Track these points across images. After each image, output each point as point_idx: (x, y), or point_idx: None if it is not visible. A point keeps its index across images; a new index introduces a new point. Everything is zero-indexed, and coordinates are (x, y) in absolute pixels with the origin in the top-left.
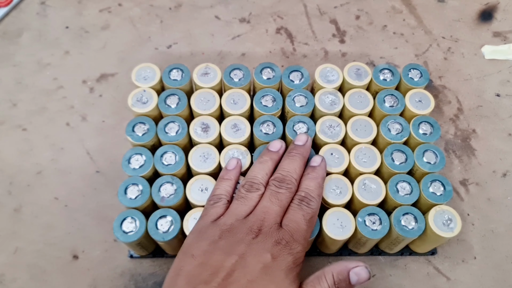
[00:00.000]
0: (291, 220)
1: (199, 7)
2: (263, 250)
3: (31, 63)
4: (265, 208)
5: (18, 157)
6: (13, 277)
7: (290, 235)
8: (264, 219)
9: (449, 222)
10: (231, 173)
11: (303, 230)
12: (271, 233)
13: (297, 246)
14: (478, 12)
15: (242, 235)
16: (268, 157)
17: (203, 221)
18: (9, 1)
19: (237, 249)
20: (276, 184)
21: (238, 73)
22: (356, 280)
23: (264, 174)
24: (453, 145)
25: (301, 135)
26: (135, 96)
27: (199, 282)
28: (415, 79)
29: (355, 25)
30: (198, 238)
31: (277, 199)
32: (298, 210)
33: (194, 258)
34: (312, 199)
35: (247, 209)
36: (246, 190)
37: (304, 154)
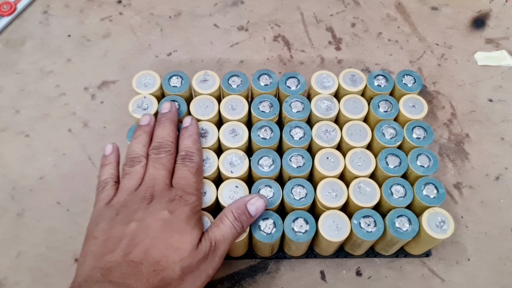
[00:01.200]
0: (180, 177)
1: (198, 15)
2: (159, 209)
3: (34, 70)
4: (152, 176)
5: (21, 163)
6: (16, 280)
7: (182, 190)
8: (154, 185)
9: (442, 224)
10: (109, 157)
11: (193, 182)
12: (164, 194)
13: (191, 197)
14: (471, 20)
15: (137, 205)
16: (141, 131)
17: (97, 207)
18: (13, 10)
19: (134, 216)
20: (155, 152)
21: (236, 79)
22: (254, 210)
23: (142, 146)
24: (447, 149)
25: (164, 104)
26: (136, 102)
27: (104, 253)
28: (409, 85)
29: (350, 32)
30: (97, 221)
31: (160, 163)
32: (183, 167)
33: (96, 238)
34: (193, 154)
35: (135, 182)
36: (129, 166)
37: (172, 119)
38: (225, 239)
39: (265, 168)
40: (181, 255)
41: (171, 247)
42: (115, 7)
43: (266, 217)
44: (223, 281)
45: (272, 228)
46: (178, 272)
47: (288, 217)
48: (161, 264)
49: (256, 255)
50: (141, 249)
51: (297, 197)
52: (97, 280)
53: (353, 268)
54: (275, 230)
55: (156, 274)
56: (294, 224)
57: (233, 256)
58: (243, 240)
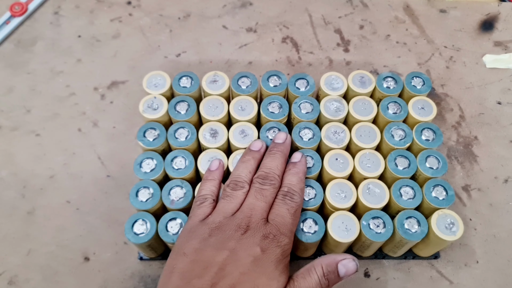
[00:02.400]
0: (277, 215)
1: (207, 17)
2: (252, 244)
3: (44, 70)
4: (251, 205)
5: (31, 162)
6: (26, 278)
7: (277, 229)
8: (251, 216)
9: (452, 226)
10: (214, 173)
11: (289, 223)
12: (259, 228)
13: (284, 239)
14: (479, 22)
15: (231, 232)
16: (250, 156)
17: (191, 222)
18: (24, 11)
19: (227, 244)
20: (260, 181)
21: (246, 80)
22: (344, 272)
23: (248, 172)
24: (455, 151)
25: (280, 134)
26: (146, 102)
27: (192, 277)
28: (418, 87)
29: (359, 34)
30: (189, 237)
31: (262, 195)
32: (283, 205)
33: (186, 256)
34: (295, 193)
35: (233, 206)
36: (231, 189)
37: (284, 151)
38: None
39: None
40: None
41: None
42: (124, 8)
43: None
44: None
45: None
46: None
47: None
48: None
49: None
50: (229, 283)
51: (306, 198)
52: None
53: (361, 269)
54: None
55: None
56: (303, 225)
57: None
58: None
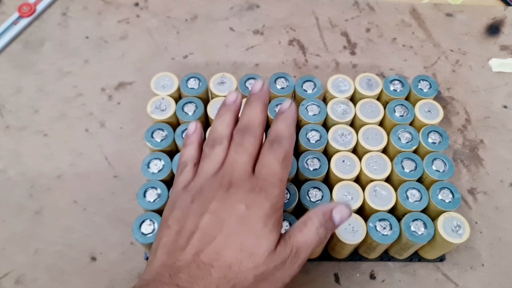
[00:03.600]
0: (263, 164)
1: (214, 19)
2: (236, 201)
3: (52, 71)
4: (232, 160)
5: (39, 162)
6: (33, 277)
7: (264, 180)
8: (233, 171)
9: (458, 229)
10: (192, 137)
11: (278, 172)
12: (243, 183)
13: (273, 190)
14: (485, 26)
15: (213, 192)
16: (226, 110)
17: (174, 191)
18: (32, 12)
19: (209, 207)
20: (239, 134)
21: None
22: (339, 219)
23: (225, 126)
24: (461, 154)
25: (256, 82)
26: (154, 103)
27: (176, 249)
28: (425, 90)
29: (365, 37)
30: (172, 208)
31: (243, 148)
32: (269, 153)
33: (169, 228)
34: (283, 139)
35: (214, 166)
36: (210, 147)
37: (263, 99)
38: (308, 246)
39: None
40: (256, 262)
41: (245, 251)
42: (132, 10)
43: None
44: None
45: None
46: (251, 280)
47: None
48: (233, 269)
49: None
50: (213, 249)
51: (313, 199)
52: (164, 282)
53: (367, 271)
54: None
55: (226, 280)
56: None
57: None
58: None
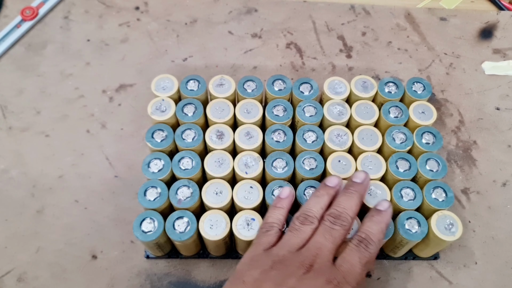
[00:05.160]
0: (346, 261)
1: (213, 22)
2: (313, 286)
3: (54, 73)
4: (318, 244)
5: (41, 162)
6: (35, 275)
7: (342, 276)
8: (317, 255)
9: (451, 227)
10: (283, 201)
11: (357, 273)
12: (323, 271)
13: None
14: (478, 30)
15: (294, 269)
16: (325, 192)
17: (255, 249)
18: (35, 15)
19: (287, 281)
20: (331, 220)
21: (251, 84)
22: None
23: (319, 208)
24: (455, 155)
25: (359, 173)
26: (154, 104)
27: None
28: (419, 92)
29: (361, 41)
30: (250, 265)
31: (331, 235)
32: (355, 252)
33: (244, 284)
34: (372, 243)
35: (299, 241)
36: (300, 223)
37: (362, 192)
38: None
39: (279, 170)
40: None
41: None
42: (133, 13)
43: None
44: None
45: (285, 228)
46: None
47: None
48: None
49: None
50: None
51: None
52: None
53: None
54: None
55: None
56: None
57: None
58: None
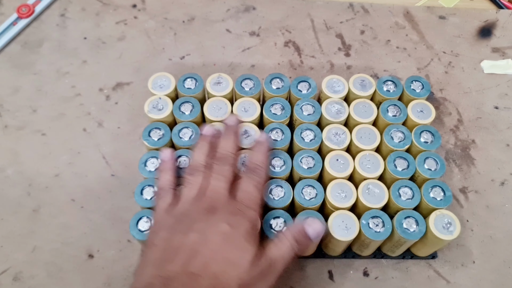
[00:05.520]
0: (243, 191)
1: (211, 20)
2: (220, 222)
3: (50, 71)
4: (213, 187)
5: (37, 160)
6: (31, 275)
7: (244, 205)
8: (215, 197)
9: (449, 226)
10: (167, 164)
11: (256, 198)
12: (225, 207)
13: (251, 213)
14: (477, 29)
15: (198, 215)
16: (204, 141)
17: (157, 214)
18: (31, 13)
19: (194, 227)
20: (217, 162)
21: (249, 82)
22: (312, 233)
23: (203, 156)
24: (453, 154)
25: (231, 116)
26: (151, 103)
27: (165, 263)
28: (417, 91)
29: (360, 39)
30: (156, 229)
31: (222, 175)
32: (248, 180)
33: (156, 246)
34: (260, 169)
35: (195, 192)
36: (190, 175)
37: (237, 132)
38: (283, 260)
39: (277, 169)
40: (239, 271)
41: (230, 262)
42: (130, 11)
43: (277, 216)
44: None
45: (283, 227)
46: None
47: (298, 216)
48: (219, 278)
49: None
50: (201, 261)
51: (307, 197)
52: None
53: (360, 268)
54: (285, 229)
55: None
56: None
57: None
58: None
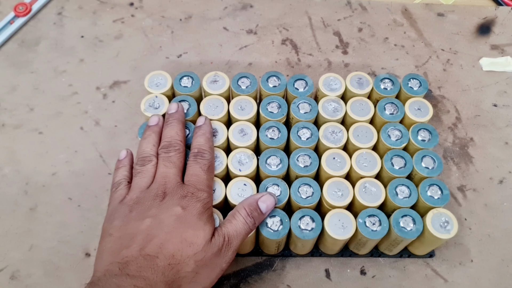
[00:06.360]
0: (191, 175)
1: (208, 18)
2: (172, 205)
3: (47, 70)
4: (163, 174)
5: (34, 159)
6: (28, 273)
7: (193, 187)
8: (165, 183)
9: (446, 224)
10: (123, 161)
11: (204, 179)
12: (176, 191)
13: (202, 194)
14: (476, 26)
15: (150, 202)
16: (150, 131)
17: (111, 205)
18: (28, 11)
19: (148, 213)
20: (164, 150)
21: (246, 81)
22: (265, 208)
23: (151, 146)
24: (451, 152)
25: (172, 104)
26: (148, 101)
27: (121, 248)
28: (415, 88)
29: (357, 37)
30: (111, 219)
31: (171, 162)
32: (195, 164)
33: (111, 235)
34: (205, 152)
35: (147, 180)
36: (140, 165)
37: (180, 118)
38: (238, 234)
39: (273, 167)
40: (195, 249)
41: (185, 241)
42: (127, 10)
43: (273, 214)
44: (230, 277)
45: (279, 226)
46: (192, 266)
47: (295, 215)
48: (175, 257)
49: (262, 253)
50: (156, 243)
51: (304, 196)
52: (115, 274)
53: (357, 267)
54: (282, 227)
55: (171, 267)
56: (300, 222)
57: (240, 253)
58: (250, 237)
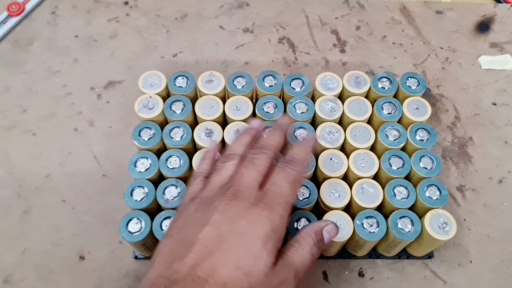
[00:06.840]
0: (272, 183)
1: (204, 17)
2: (238, 216)
3: (41, 70)
4: (241, 174)
5: (27, 161)
6: (21, 277)
7: (270, 198)
8: (239, 184)
9: (445, 225)
10: (208, 153)
11: (285, 193)
12: (247, 197)
13: (278, 209)
14: (475, 24)
15: (217, 202)
16: (246, 133)
17: (183, 201)
18: (21, 11)
19: (211, 218)
20: (253, 151)
21: (241, 80)
22: (327, 239)
23: (241, 145)
24: (450, 152)
25: (284, 117)
26: (142, 102)
27: (174, 259)
28: (413, 87)
29: (355, 35)
30: (177, 216)
31: (253, 164)
32: (281, 172)
33: (171, 237)
34: (297, 162)
35: (222, 179)
36: (222, 162)
37: (284, 127)
38: (304, 266)
39: None
40: (251, 282)
41: (242, 269)
42: (121, 8)
43: None
44: None
45: None
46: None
47: (292, 217)
48: (227, 287)
49: None
50: (210, 265)
51: (301, 197)
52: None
53: (355, 269)
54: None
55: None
56: (297, 224)
57: None
58: None
